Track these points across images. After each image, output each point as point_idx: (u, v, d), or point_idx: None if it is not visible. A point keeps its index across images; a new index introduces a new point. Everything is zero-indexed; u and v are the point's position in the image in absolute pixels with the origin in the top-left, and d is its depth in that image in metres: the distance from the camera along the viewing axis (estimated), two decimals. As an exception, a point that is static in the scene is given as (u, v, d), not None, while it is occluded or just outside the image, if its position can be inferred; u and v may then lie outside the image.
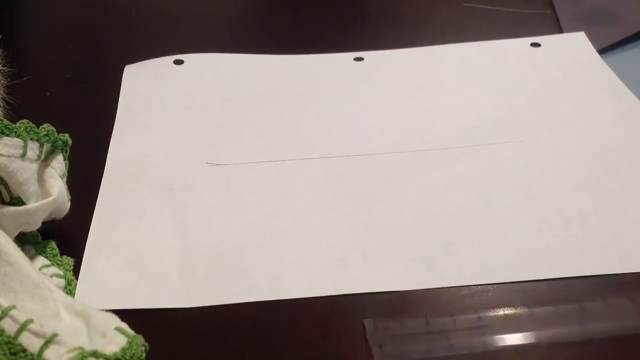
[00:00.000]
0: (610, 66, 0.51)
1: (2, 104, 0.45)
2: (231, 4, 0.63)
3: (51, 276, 0.33)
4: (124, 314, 0.31)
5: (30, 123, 0.35)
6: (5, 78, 0.47)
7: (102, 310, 0.31)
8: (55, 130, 0.36)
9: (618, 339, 0.32)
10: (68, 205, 0.36)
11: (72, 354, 0.29)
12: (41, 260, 0.35)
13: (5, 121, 0.34)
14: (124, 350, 0.29)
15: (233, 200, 0.40)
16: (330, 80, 0.51)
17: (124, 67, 0.51)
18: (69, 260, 0.35)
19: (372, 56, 0.53)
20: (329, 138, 0.45)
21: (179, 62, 0.52)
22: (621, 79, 0.50)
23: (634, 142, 0.44)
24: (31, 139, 0.34)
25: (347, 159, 0.43)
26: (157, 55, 0.53)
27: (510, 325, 0.33)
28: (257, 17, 0.61)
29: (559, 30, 0.56)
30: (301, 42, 0.55)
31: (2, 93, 0.45)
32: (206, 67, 0.52)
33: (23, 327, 0.29)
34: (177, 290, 0.35)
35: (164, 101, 0.49)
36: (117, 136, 0.45)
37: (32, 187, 0.34)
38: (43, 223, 0.35)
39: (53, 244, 0.36)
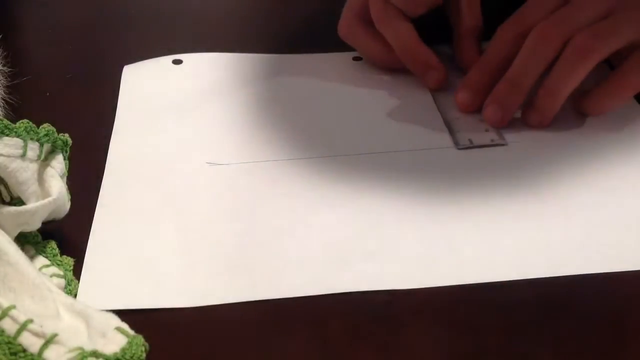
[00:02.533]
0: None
1: (2, 104, 0.45)
2: (230, 4, 0.63)
3: (51, 276, 0.33)
4: (124, 314, 0.31)
5: (30, 123, 0.35)
6: (5, 78, 0.47)
7: (103, 310, 0.31)
8: (55, 130, 0.36)
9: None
10: (68, 205, 0.36)
11: (72, 354, 0.29)
12: (41, 260, 0.35)
13: (5, 121, 0.34)
14: (124, 350, 0.29)
15: (234, 200, 0.40)
16: (329, 80, 0.51)
17: (123, 67, 0.51)
18: (69, 260, 0.35)
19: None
20: (329, 137, 0.45)
21: (177, 62, 0.52)
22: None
23: (633, 140, 0.44)
24: (31, 139, 0.34)
25: (346, 158, 0.43)
26: (156, 55, 0.53)
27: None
28: (256, 16, 0.61)
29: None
30: (300, 41, 0.55)
31: (2, 93, 0.45)
32: (205, 66, 0.52)
33: (23, 327, 0.29)
34: (178, 289, 0.35)
35: (164, 101, 0.49)
36: (117, 136, 0.45)
37: (32, 187, 0.34)
38: (43, 223, 0.35)
39: (53, 244, 0.36)
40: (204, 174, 0.42)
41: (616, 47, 0.42)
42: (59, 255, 0.35)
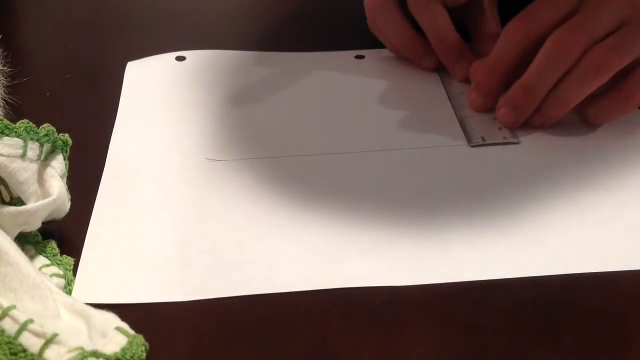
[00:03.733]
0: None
1: (2, 104, 0.45)
2: (233, 2, 0.63)
3: (51, 276, 0.33)
4: (124, 314, 0.31)
5: (30, 123, 0.35)
6: (5, 78, 0.47)
7: (102, 309, 0.31)
8: (55, 130, 0.36)
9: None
10: (68, 205, 0.36)
11: (73, 354, 0.29)
12: (41, 260, 0.35)
13: (5, 121, 0.34)
14: (124, 350, 0.29)
15: (231, 195, 0.40)
16: (330, 78, 0.51)
17: (123, 66, 0.51)
18: (69, 260, 0.35)
19: (373, 54, 0.53)
20: (329, 135, 0.45)
21: (181, 59, 0.53)
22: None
23: (629, 138, 0.44)
24: (31, 139, 0.34)
25: (346, 156, 0.43)
26: (159, 52, 0.53)
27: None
28: (259, 14, 0.61)
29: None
30: (302, 39, 0.55)
31: (2, 93, 0.45)
32: (208, 63, 0.52)
33: (23, 327, 0.29)
34: (175, 284, 0.35)
35: (166, 97, 0.49)
36: (118, 131, 0.45)
37: (32, 187, 0.34)
38: (43, 223, 0.35)
39: (53, 244, 0.36)
40: (203, 170, 0.42)
41: (629, 60, 0.42)
42: (58, 255, 0.35)
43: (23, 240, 0.35)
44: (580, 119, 0.46)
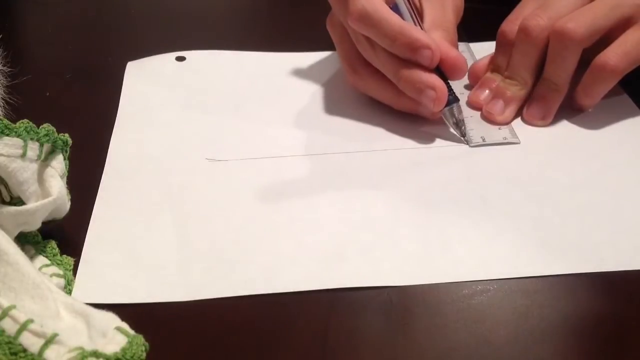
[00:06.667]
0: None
1: (2, 104, 0.45)
2: (233, 2, 0.63)
3: (51, 276, 0.34)
4: (123, 313, 0.31)
5: (30, 123, 0.35)
6: (5, 78, 0.47)
7: (102, 309, 0.31)
8: (55, 130, 0.36)
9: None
10: (68, 205, 0.36)
11: (73, 354, 0.29)
12: (41, 259, 0.35)
13: (5, 121, 0.34)
14: (124, 350, 0.29)
15: (232, 195, 0.40)
16: (329, 78, 0.51)
17: (123, 66, 0.52)
18: (69, 260, 0.35)
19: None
20: (328, 134, 0.45)
21: (181, 59, 0.53)
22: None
23: (629, 139, 0.45)
24: (31, 139, 0.34)
25: (346, 156, 0.43)
26: (159, 52, 0.53)
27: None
28: (259, 14, 0.61)
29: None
30: (302, 39, 0.55)
31: (2, 93, 0.45)
32: (208, 63, 0.52)
33: (23, 327, 0.29)
34: (175, 284, 0.35)
35: (166, 97, 0.49)
36: (118, 131, 0.45)
37: (32, 187, 0.34)
38: (43, 223, 0.35)
39: (53, 244, 0.36)
40: (203, 170, 0.42)
41: (597, 28, 0.43)
42: (58, 255, 0.35)
43: (23, 240, 0.35)
44: (579, 119, 0.46)
